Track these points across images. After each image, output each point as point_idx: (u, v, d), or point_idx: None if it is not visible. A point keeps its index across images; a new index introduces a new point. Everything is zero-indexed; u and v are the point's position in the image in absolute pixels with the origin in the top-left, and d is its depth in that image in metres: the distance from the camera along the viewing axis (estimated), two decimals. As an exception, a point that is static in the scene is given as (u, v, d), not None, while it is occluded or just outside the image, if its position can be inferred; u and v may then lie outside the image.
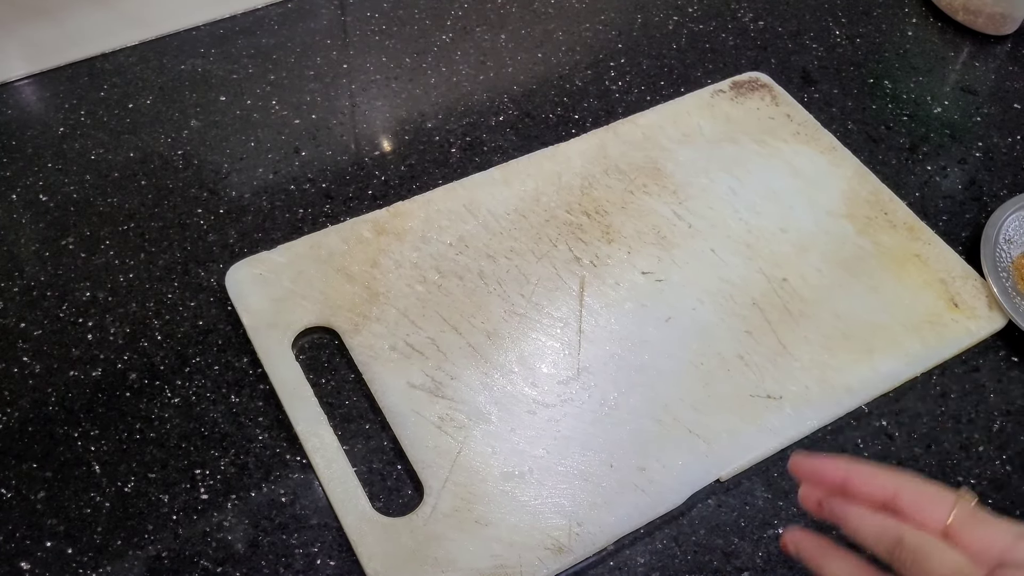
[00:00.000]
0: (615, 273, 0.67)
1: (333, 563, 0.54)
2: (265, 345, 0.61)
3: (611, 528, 0.56)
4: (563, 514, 0.56)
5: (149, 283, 0.66)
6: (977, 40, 0.89)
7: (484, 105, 0.79)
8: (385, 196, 0.72)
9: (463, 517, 0.55)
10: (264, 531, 0.55)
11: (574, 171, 0.73)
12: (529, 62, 0.83)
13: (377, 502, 0.56)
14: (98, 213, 0.69)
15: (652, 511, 0.57)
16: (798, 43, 0.87)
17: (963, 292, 0.68)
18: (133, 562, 0.54)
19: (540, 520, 0.56)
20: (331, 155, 0.74)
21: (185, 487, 0.57)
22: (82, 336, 0.63)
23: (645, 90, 0.81)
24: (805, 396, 0.62)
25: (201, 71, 0.79)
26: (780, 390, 0.62)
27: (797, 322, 0.65)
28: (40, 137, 0.73)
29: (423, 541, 0.54)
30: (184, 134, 0.75)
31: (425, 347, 0.62)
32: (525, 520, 0.55)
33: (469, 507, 0.56)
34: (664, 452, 0.59)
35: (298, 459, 0.58)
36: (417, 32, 0.84)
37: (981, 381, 0.66)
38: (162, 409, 0.60)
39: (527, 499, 0.56)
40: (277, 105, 0.77)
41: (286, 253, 0.66)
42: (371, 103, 0.78)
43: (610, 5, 0.89)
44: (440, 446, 0.58)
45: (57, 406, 0.59)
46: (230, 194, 0.71)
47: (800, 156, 0.76)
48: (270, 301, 0.63)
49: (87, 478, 0.57)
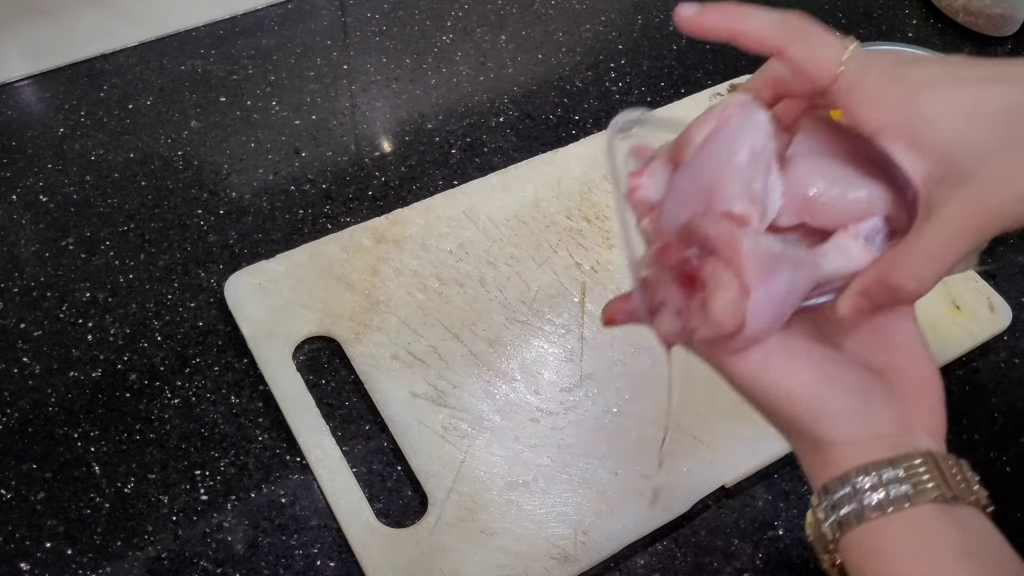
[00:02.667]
0: (616, 279, 0.67)
1: (333, 564, 0.54)
2: (265, 355, 0.61)
3: (617, 536, 0.56)
4: (568, 523, 0.56)
5: (149, 284, 0.65)
6: (978, 41, 0.89)
7: (484, 106, 0.79)
8: (385, 197, 0.72)
9: (468, 527, 0.55)
10: (264, 532, 0.55)
11: (574, 176, 0.73)
12: (529, 63, 0.83)
13: (377, 503, 0.56)
14: (98, 214, 0.69)
15: (658, 518, 0.57)
16: (798, 45, 0.87)
17: (964, 294, 0.68)
18: (133, 563, 0.54)
19: (545, 529, 0.55)
20: (331, 156, 0.74)
21: (185, 488, 0.57)
22: (82, 337, 0.62)
23: (645, 91, 0.81)
24: None
25: (201, 72, 0.79)
26: None
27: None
28: (40, 138, 0.73)
29: (428, 552, 0.54)
30: (184, 135, 0.74)
31: (427, 356, 0.62)
32: (530, 529, 0.55)
33: (474, 517, 0.55)
34: (669, 459, 0.59)
35: (298, 460, 0.58)
36: (417, 33, 0.84)
37: (982, 383, 0.66)
38: (162, 410, 0.60)
39: (532, 508, 0.56)
40: (277, 106, 0.77)
41: (285, 262, 0.66)
42: (371, 104, 0.78)
43: (610, 6, 0.89)
44: (444, 456, 0.58)
45: (57, 407, 0.59)
46: (230, 195, 0.71)
47: (800, 158, 0.76)
48: (270, 311, 0.63)
49: (87, 479, 0.57)
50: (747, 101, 0.39)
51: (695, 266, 0.36)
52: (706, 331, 0.35)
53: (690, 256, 0.36)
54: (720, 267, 0.35)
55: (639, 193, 0.40)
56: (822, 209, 0.38)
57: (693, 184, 0.38)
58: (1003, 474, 0.61)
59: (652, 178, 0.40)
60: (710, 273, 0.35)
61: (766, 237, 0.36)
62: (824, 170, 0.38)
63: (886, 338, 0.38)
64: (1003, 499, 0.60)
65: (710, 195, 0.37)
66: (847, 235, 0.38)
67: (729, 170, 0.37)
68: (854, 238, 0.37)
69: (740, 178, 0.37)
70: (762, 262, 0.35)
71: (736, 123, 0.38)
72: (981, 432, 0.63)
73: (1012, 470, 0.61)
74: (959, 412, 0.64)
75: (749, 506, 0.59)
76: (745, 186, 0.37)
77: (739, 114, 0.38)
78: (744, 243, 0.34)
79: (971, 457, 0.62)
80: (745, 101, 0.39)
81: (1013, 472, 0.61)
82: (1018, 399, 0.65)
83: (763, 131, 0.38)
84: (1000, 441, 0.63)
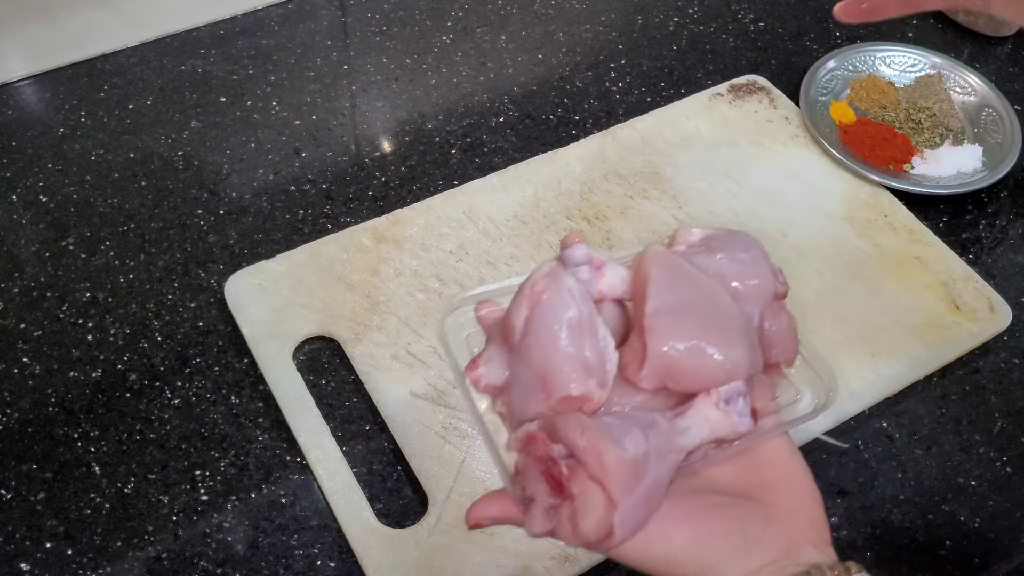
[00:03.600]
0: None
1: (333, 564, 0.54)
2: (266, 355, 0.61)
3: None
4: None
5: (149, 284, 0.65)
6: (977, 41, 0.89)
7: (484, 106, 0.79)
8: (385, 197, 0.72)
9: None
10: (264, 532, 0.55)
11: (573, 176, 0.73)
12: (529, 63, 0.83)
13: (378, 503, 0.56)
14: (98, 214, 0.69)
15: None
16: (798, 44, 0.87)
17: (964, 294, 0.68)
18: (133, 563, 0.54)
19: (545, 529, 0.55)
20: (331, 156, 0.74)
21: (185, 488, 0.57)
22: (82, 337, 0.62)
23: (646, 91, 0.81)
24: (809, 401, 0.62)
25: (201, 72, 0.79)
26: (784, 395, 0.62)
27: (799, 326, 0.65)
28: (40, 138, 0.73)
29: (428, 552, 0.54)
30: (184, 135, 0.74)
31: (427, 356, 0.62)
32: (530, 530, 0.55)
33: (474, 517, 0.55)
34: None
35: (298, 460, 0.58)
36: (417, 33, 0.84)
37: (982, 383, 0.66)
38: (162, 410, 0.60)
39: None
40: (277, 106, 0.77)
41: (285, 262, 0.66)
42: (371, 104, 0.78)
43: (610, 6, 0.89)
44: (444, 456, 0.58)
45: (57, 407, 0.59)
46: (230, 195, 0.71)
47: (799, 159, 0.76)
48: (270, 311, 0.63)
49: (87, 479, 0.56)
50: (553, 269, 0.40)
51: (562, 472, 0.36)
52: (576, 541, 0.36)
53: (557, 458, 0.36)
54: (586, 483, 0.35)
55: (482, 383, 0.40)
56: (683, 377, 0.38)
57: (527, 371, 0.38)
58: (1003, 475, 0.61)
59: (489, 364, 0.40)
60: (577, 489, 0.35)
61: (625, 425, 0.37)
62: (685, 332, 0.38)
63: (757, 460, 0.40)
64: (1004, 501, 0.61)
65: (545, 382, 0.37)
66: (708, 402, 0.38)
67: (554, 354, 0.37)
68: (715, 405, 0.38)
69: (567, 358, 0.37)
70: (627, 474, 0.35)
71: (547, 301, 0.38)
72: (981, 433, 0.63)
73: (1012, 470, 0.61)
74: (959, 413, 0.64)
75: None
76: (575, 364, 0.37)
77: (549, 289, 0.39)
78: (609, 458, 0.35)
79: (972, 459, 0.62)
80: (551, 270, 0.40)
81: (1014, 472, 0.61)
82: (1018, 399, 0.65)
83: (576, 298, 0.38)
84: (1000, 442, 0.63)
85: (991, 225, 0.75)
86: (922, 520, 0.59)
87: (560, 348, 0.37)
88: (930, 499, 0.60)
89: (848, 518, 0.59)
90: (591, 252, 0.41)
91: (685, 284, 0.39)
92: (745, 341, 0.39)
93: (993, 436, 0.63)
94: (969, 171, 0.76)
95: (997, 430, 0.63)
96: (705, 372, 0.38)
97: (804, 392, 0.45)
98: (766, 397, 0.41)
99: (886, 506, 0.59)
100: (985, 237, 0.74)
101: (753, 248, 0.42)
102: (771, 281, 0.42)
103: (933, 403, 0.64)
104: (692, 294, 0.39)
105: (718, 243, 0.42)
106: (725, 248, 0.42)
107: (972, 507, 0.60)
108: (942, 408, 0.64)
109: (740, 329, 0.39)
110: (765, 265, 0.42)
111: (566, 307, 0.38)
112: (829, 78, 0.82)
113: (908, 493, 0.60)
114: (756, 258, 0.42)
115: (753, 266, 0.42)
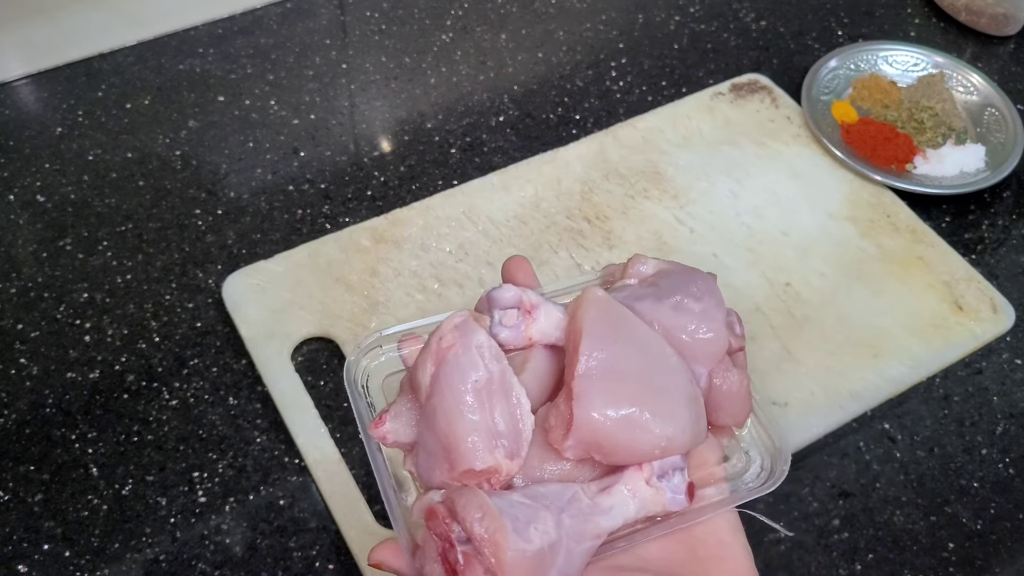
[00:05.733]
0: (616, 276, 0.67)
1: (332, 566, 0.54)
2: (264, 356, 0.61)
3: None
4: None
5: (147, 284, 0.65)
6: (980, 41, 0.89)
7: (484, 105, 0.79)
8: (384, 197, 0.71)
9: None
10: (262, 534, 0.55)
11: (574, 176, 0.72)
12: (529, 62, 0.83)
13: (376, 505, 0.56)
14: (96, 214, 0.69)
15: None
16: (800, 43, 0.87)
17: (967, 295, 0.68)
18: (131, 565, 0.53)
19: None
20: (330, 156, 0.74)
21: (183, 490, 0.56)
22: (79, 338, 0.62)
23: (646, 90, 0.81)
24: (810, 402, 0.61)
25: (199, 71, 0.79)
26: (785, 396, 0.62)
27: (801, 327, 0.65)
28: (38, 137, 0.73)
29: (425, 550, 0.54)
30: (182, 134, 0.74)
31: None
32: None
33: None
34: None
35: (296, 461, 0.58)
36: (417, 32, 0.84)
37: (984, 384, 0.65)
38: (160, 411, 0.59)
39: None
40: (276, 105, 0.77)
41: (284, 263, 0.65)
42: (370, 103, 0.78)
43: (611, 5, 0.88)
44: None
45: (54, 408, 0.59)
46: (228, 195, 0.71)
47: (801, 158, 0.76)
48: (268, 312, 0.63)
49: (85, 480, 0.56)
50: (464, 321, 0.36)
51: (458, 561, 0.32)
52: None
53: (455, 542, 0.33)
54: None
55: (389, 440, 0.37)
56: (613, 451, 0.34)
57: (432, 436, 0.35)
58: (1006, 477, 0.61)
59: (397, 420, 0.37)
60: None
61: (534, 508, 0.33)
62: (618, 398, 0.34)
63: (691, 536, 0.37)
64: (1006, 502, 0.60)
65: (448, 451, 0.34)
66: (639, 476, 0.35)
67: (459, 421, 0.34)
68: (646, 480, 0.35)
69: (472, 427, 0.34)
70: (527, 572, 0.32)
71: (453, 360, 0.35)
72: (984, 434, 0.63)
73: (1015, 472, 0.61)
74: (962, 414, 0.64)
75: (750, 507, 0.58)
76: (482, 433, 0.34)
77: (457, 344, 0.35)
78: (508, 554, 0.31)
79: (974, 460, 0.62)
80: (462, 321, 0.36)
81: (1016, 474, 0.61)
82: (1021, 400, 0.65)
83: (485, 356, 0.35)
84: (1003, 443, 0.62)
85: (994, 225, 0.75)
86: (924, 522, 0.59)
87: (464, 416, 0.34)
88: (932, 501, 0.60)
89: (850, 520, 0.58)
90: (523, 293, 0.37)
91: (624, 338, 0.35)
92: (688, 409, 0.35)
93: (996, 437, 0.63)
94: (972, 171, 0.76)
95: (1000, 431, 0.63)
96: (638, 447, 0.34)
97: (754, 457, 0.40)
98: (711, 462, 0.37)
99: (888, 508, 0.59)
100: (988, 237, 0.74)
101: (707, 296, 0.38)
102: (723, 336, 0.37)
103: (935, 404, 0.64)
104: (631, 351, 0.35)
105: (670, 284, 0.38)
106: (677, 291, 0.38)
107: (975, 509, 0.60)
108: (944, 409, 0.64)
109: (683, 394, 0.35)
110: (719, 317, 0.38)
111: (474, 367, 0.35)
112: (831, 77, 0.81)
113: (910, 495, 0.60)
114: (709, 309, 0.38)
115: (705, 318, 0.37)
